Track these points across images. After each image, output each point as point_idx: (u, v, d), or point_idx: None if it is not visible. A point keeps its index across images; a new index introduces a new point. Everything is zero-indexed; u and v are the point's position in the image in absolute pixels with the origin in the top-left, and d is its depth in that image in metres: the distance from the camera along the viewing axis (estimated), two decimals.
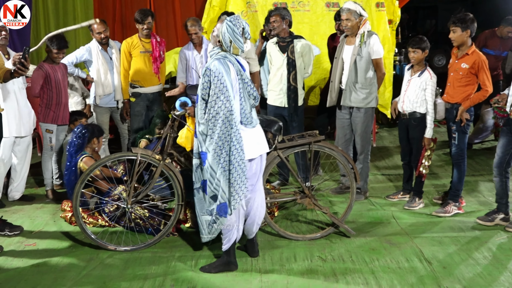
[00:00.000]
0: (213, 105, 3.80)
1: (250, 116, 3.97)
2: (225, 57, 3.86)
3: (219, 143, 3.83)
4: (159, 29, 8.50)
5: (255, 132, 4.04)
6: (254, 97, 3.98)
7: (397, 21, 7.97)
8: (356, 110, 5.57)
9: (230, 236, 4.13)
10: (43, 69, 5.65)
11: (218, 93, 3.77)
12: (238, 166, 3.85)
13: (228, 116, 3.80)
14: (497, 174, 4.92)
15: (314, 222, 5.12)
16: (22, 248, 4.68)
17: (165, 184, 4.63)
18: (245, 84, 3.92)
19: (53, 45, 5.59)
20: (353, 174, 4.79)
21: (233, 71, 3.85)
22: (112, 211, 4.92)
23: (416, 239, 4.73)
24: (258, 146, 4.06)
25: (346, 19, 5.44)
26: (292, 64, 5.82)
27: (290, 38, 5.87)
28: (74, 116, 6.12)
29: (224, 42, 3.88)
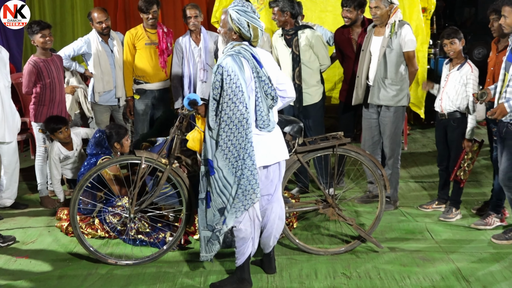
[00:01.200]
0: (225, 108, 3.77)
1: (267, 119, 3.91)
2: (238, 53, 3.82)
3: (233, 151, 3.81)
4: (166, 18, 8.55)
5: (273, 136, 4.01)
6: (272, 97, 3.91)
7: (432, 9, 7.90)
8: (385, 109, 5.55)
9: (245, 249, 4.11)
10: (34, 64, 5.69)
11: (231, 94, 3.74)
12: (249, 173, 3.83)
13: (241, 120, 3.76)
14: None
15: (338, 235, 5.10)
16: (13, 261, 4.71)
17: (172, 191, 4.64)
18: (262, 83, 3.86)
19: (34, 29, 5.63)
20: (382, 181, 4.76)
21: (248, 69, 3.82)
22: (114, 222, 4.94)
23: (452, 254, 4.70)
24: (276, 152, 4.03)
25: (375, 7, 5.42)
26: (296, 60, 5.82)
27: (293, 30, 5.86)
28: (51, 124, 5.80)
29: (243, 28, 3.84)
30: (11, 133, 5.62)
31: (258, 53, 3.95)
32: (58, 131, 5.78)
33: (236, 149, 3.80)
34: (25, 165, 7.36)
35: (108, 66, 6.41)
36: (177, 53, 6.42)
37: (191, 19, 6.27)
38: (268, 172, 4.07)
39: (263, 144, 3.93)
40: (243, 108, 3.75)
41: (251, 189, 3.87)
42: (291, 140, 4.55)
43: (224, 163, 3.85)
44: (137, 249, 4.83)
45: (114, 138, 5.47)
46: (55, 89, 5.82)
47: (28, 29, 5.68)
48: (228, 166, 3.84)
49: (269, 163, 4.01)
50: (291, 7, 5.80)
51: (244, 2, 3.90)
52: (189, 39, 6.38)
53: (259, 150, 3.90)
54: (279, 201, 4.24)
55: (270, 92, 3.88)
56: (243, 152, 3.80)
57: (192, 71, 6.37)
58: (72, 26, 8.80)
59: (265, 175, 4.07)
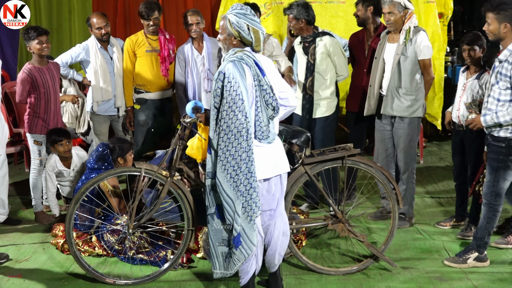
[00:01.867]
0: (224, 116, 3.79)
1: (266, 130, 3.92)
2: (240, 59, 3.84)
3: (232, 162, 3.82)
4: (168, 24, 8.59)
5: (273, 148, 4.01)
6: (273, 108, 3.91)
7: (449, 14, 7.94)
8: (399, 120, 5.55)
9: (248, 267, 4.12)
10: (28, 73, 5.71)
11: (230, 102, 3.76)
12: (249, 186, 3.83)
13: (240, 130, 3.77)
14: None
15: (349, 253, 5.10)
16: (5, 281, 4.72)
17: (173, 205, 4.65)
18: (263, 92, 3.87)
19: (30, 35, 5.67)
20: (395, 196, 4.76)
21: (250, 76, 3.83)
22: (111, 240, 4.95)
23: (471, 274, 4.68)
24: (276, 164, 4.04)
25: (389, 13, 5.44)
26: (310, 69, 5.83)
27: (311, 37, 5.88)
28: (53, 136, 5.86)
29: (242, 31, 3.86)
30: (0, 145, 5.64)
31: (261, 60, 3.96)
32: (58, 143, 5.82)
33: (236, 161, 3.80)
34: (19, 178, 7.40)
35: (107, 74, 6.42)
36: (179, 62, 6.43)
37: (192, 26, 6.28)
38: (269, 185, 4.08)
39: (263, 156, 3.94)
40: (242, 117, 3.76)
41: (253, 203, 3.87)
42: (298, 151, 4.56)
43: (223, 175, 3.85)
44: (137, 267, 4.84)
45: (117, 153, 5.48)
46: (50, 99, 5.84)
47: (24, 35, 5.72)
48: (226, 178, 3.85)
49: (269, 175, 4.01)
50: (306, 14, 5.81)
51: (243, 5, 3.93)
52: (191, 47, 6.40)
53: (259, 162, 3.91)
54: (282, 216, 4.23)
55: (271, 102, 3.88)
56: (242, 163, 3.80)
57: (195, 80, 6.38)
58: (69, 32, 8.85)
59: (266, 188, 4.07)
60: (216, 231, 4.07)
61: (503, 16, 4.44)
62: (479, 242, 4.81)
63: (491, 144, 4.64)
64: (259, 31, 3.89)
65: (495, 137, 4.60)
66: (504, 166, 4.59)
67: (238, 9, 3.88)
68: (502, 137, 4.55)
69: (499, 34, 4.51)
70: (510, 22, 4.45)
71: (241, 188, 3.83)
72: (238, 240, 3.94)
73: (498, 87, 4.52)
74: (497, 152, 4.59)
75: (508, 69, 4.43)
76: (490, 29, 4.54)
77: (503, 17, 4.44)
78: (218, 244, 4.08)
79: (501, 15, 4.44)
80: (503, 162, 4.58)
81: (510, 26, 4.45)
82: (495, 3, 4.46)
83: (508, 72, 4.43)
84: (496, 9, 4.44)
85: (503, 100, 4.51)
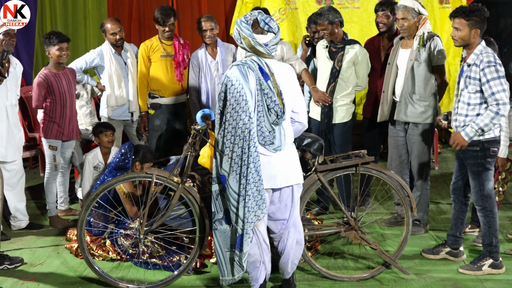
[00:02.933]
0: (228, 118, 3.82)
1: (270, 136, 3.88)
2: (244, 63, 3.87)
3: (239, 162, 3.83)
4: (183, 30, 8.61)
5: (282, 157, 3.98)
6: (276, 113, 3.86)
7: None
8: (413, 127, 5.53)
9: (257, 274, 4.13)
10: (44, 78, 5.76)
11: (234, 104, 3.78)
12: (254, 188, 3.83)
13: (244, 131, 3.78)
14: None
15: (362, 260, 5.08)
16: (20, 284, 4.76)
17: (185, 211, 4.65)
18: (264, 96, 3.85)
19: (52, 41, 5.72)
20: (408, 202, 4.74)
21: (253, 80, 3.84)
22: (125, 244, 4.98)
23: (487, 282, 4.65)
24: (287, 175, 4.01)
25: (402, 18, 5.43)
26: (334, 75, 5.83)
27: (342, 43, 5.87)
28: (100, 127, 6.14)
29: (235, 38, 3.95)
30: (16, 152, 5.67)
31: (273, 66, 3.94)
32: (104, 133, 6.05)
33: (244, 161, 3.80)
34: (34, 183, 7.45)
35: (121, 79, 6.46)
36: (193, 68, 6.45)
37: (206, 32, 6.29)
38: (281, 195, 4.07)
39: (272, 165, 3.93)
40: (246, 117, 3.77)
41: (256, 206, 3.87)
42: (311, 159, 4.55)
43: (231, 177, 3.87)
44: (150, 272, 4.86)
45: (139, 157, 5.53)
46: (66, 104, 5.88)
47: (45, 39, 5.78)
48: (235, 178, 3.86)
49: (278, 186, 3.99)
50: (339, 16, 5.81)
51: (251, 13, 3.94)
52: (205, 52, 6.41)
53: (267, 171, 3.90)
54: (296, 226, 4.21)
55: (273, 107, 3.84)
56: (247, 164, 3.80)
57: (209, 86, 6.39)
58: (84, 37, 8.90)
59: (278, 198, 4.06)
60: (224, 237, 4.07)
61: (474, 22, 4.55)
62: (489, 248, 4.80)
63: (466, 149, 4.70)
64: (249, 39, 3.85)
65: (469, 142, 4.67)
66: (483, 169, 4.68)
67: (241, 18, 3.91)
68: (475, 141, 4.64)
69: (468, 40, 4.61)
70: (480, 28, 4.57)
71: (248, 189, 3.83)
72: (239, 243, 3.95)
73: (468, 91, 4.62)
74: (474, 157, 4.68)
75: (476, 71, 4.53)
76: (460, 35, 4.63)
77: (474, 23, 4.55)
78: (226, 250, 4.09)
79: (472, 21, 4.56)
80: (482, 165, 4.67)
81: (479, 32, 4.57)
82: (467, 9, 4.58)
83: (477, 75, 4.53)
84: (469, 15, 4.55)
85: (473, 104, 4.61)
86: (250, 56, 3.93)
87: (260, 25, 3.89)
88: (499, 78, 4.45)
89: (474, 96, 4.58)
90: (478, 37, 4.60)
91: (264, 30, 3.89)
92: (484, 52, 4.55)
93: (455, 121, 4.78)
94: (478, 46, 4.61)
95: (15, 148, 5.65)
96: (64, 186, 6.26)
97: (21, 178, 5.82)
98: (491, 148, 4.64)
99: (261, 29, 3.89)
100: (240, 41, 3.91)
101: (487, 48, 4.60)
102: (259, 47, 3.87)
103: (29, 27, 8.76)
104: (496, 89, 4.43)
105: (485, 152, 4.63)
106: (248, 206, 3.85)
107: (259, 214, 3.91)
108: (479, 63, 4.52)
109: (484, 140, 4.62)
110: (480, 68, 4.50)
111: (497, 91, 4.43)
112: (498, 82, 4.44)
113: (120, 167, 5.45)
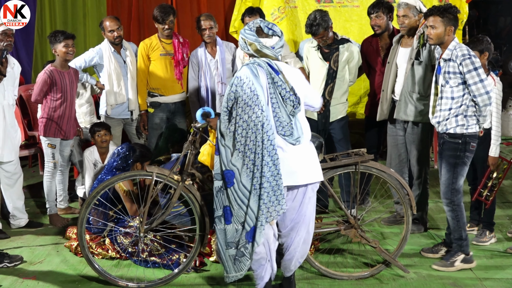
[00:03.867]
0: (240, 113, 3.85)
1: (288, 125, 3.91)
2: (254, 62, 3.95)
3: (251, 156, 3.84)
4: (182, 28, 8.60)
5: (302, 153, 3.99)
6: (292, 103, 3.91)
7: (465, 18, 7.89)
8: (412, 125, 5.53)
9: (263, 273, 4.12)
10: (49, 74, 5.77)
11: (246, 99, 3.82)
12: (268, 183, 3.84)
13: (257, 123, 3.81)
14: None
15: (362, 258, 5.08)
16: (20, 283, 4.76)
17: (185, 210, 4.65)
18: (278, 88, 3.90)
19: (58, 38, 5.75)
20: (408, 201, 4.74)
21: (263, 75, 3.89)
22: (125, 243, 4.98)
23: (486, 281, 4.65)
24: (305, 172, 4.00)
25: (403, 16, 5.44)
26: (332, 76, 5.86)
27: (335, 44, 5.88)
28: (94, 127, 6.19)
29: (240, 46, 4.03)
30: (12, 152, 5.66)
31: (280, 66, 4.00)
32: (97, 133, 6.10)
33: (257, 155, 3.82)
34: (33, 181, 7.45)
35: (120, 78, 6.46)
36: (192, 67, 6.46)
37: (205, 31, 6.30)
38: (296, 193, 4.06)
39: (290, 161, 3.93)
40: (258, 110, 3.81)
41: (276, 200, 3.88)
42: None
43: (242, 170, 3.88)
44: (149, 271, 4.86)
45: (138, 157, 5.53)
46: (66, 104, 5.89)
47: (51, 38, 5.81)
48: (246, 173, 3.87)
49: (296, 183, 3.99)
50: (328, 18, 5.81)
51: (255, 21, 4.03)
52: (204, 51, 6.42)
53: (286, 167, 3.91)
54: (307, 225, 4.18)
55: (289, 97, 3.89)
56: (261, 157, 3.82)
57: (209, 84, 6.40)
58: (84, 36, 8.89)
59: (292, 196, 4.05)
60: (223, 234, 4.07)
61: (448, 20, 4.67)
62: (459, 242, 4.86)
63: (447, 141, 4.80)
64: (255, 43, 3.94)
65: (451, 134, 4.76)
66: (461, 162, 4.76)
67: (246, 27, 4.02)
68: (458, 134, 4.73)
69: (443, 37, 4.71)
70: (454, 26, 4.70)
71: (259, 182, 3.84)
72: (251, 235, 3.94)
73: (450, 86, 4.72)
74: (454, 149, 4.75)
75: (455, 66, 4.64)
76: (436, 33, 4.73)
77: (448, 20, 4.67)
78: (226, 248, 4.08)
79: (447, 19, 4.67)
80: (460, 159, 4.75)
81: (453, 29, 4.70)
82: (441, 8, 4.70)
83: (456, 69, 4.65)
84: (444, 13, 4.67)
85: (456, 97, 4.72)
86: (259, 58, 3.99)
87: (264, 31, 3.98)
88: (476, 70, 4.58)
89: (457, 89, 4.69)
90: (452, 34, 4.72)
91: (269, 35, 3.98)
92: (457, 46, 4.67)
93: (437, 117, 4.86)
94: (451, 42, 4.72)
95: (11, 149, 5.64)
96: (63, 184, 6.25)
97: (19, 178, 5.83)
98: (471, 143, 4.74)
99: (266, 34, 3.98)
100: (247, 48, 3.98)
101: (459, 44, 4.73)
102: (266, 50, 3.95)
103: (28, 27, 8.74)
104: (472, 81, 4.58)
105: (466, 146, 4.73)
106: (263, 200, 3.85)
107: (278, 209, 3.91)
108: (455, 58, 4.63)
109: (467, 134, 4.71)
110: (458, 63, 4.61)
111: (474, 83, 4.58)
112: (475, 73, 4.58)
113: (119, 169, 5.41)
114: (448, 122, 4.75)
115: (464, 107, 4.68)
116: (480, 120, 4.71)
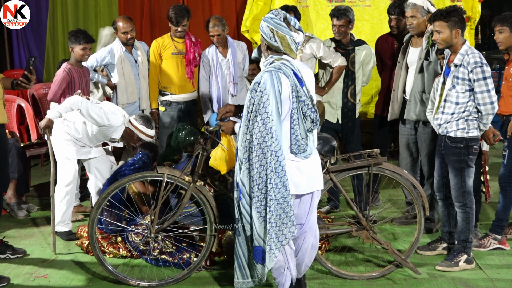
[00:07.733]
0: (247, 125, 3.74)
1: (303, 143, 3.78)
2: (278, 69, 3.70)
3: (255, 175, 3.75)
4: (194, 27, 8.61)
5: (309, 163, 3.89)
6: (311, 120, 3.77)
7: (477, 18, 7.86)
8: (423, 125, 5.50)
9: (283, 280, 4.05)
10: (69, 73, 5.80)
11: (256, 112, 3.69)
12: (279, 205, 3.75)
13: (261, 142, 3.69)
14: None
15: (373, 258, 5.06)
16: (31, 281, 4.78)
17: (196, 209, 4.65)
18: (301, 103, 3.73)
19: (79, 40, 5.75)
20: (421, 202, 4.72)
21: (287, 88, 3.70)
22: (136, 241, 4.98)
23: (498, 282, 4.62)
24: (311, 181, 3.92)
25: (411, 16, 5.42)
26: (351, 77, 5.84)
27: (351, 45, 5.86)
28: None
29: (265, 35, 3.76)
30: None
31: (300, 68, 3.81)
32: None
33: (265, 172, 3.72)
34: (45, 180, 7.46)
35: (132, 77, 6.47)
36: (204, 66, 6.45)
37: (213, 37, 6.30)
38: (301, 201, 3.99)
39: (297, 171, 3.84)
40: (264, 129, 3.67)
41: (289, 221, 3.80)
42: (323, 159, 4.52)
43: (252, 189, 3.79)
44: (160, 270, 4.86)
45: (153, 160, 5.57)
46: None
47: (72, 36, 5.80)
48: (255, 192, 3.78)
49: (302, 192, 3.91)
50: (353, 17, 5.80)
51: (277, 11, 3.80)
52: (215, 51, 6.41)
53: (296, 177, 3.83)
54: (312, 230, 4.13)
55: (310, 114, 3.74)
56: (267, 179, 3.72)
57: (221, 84, 6.40)
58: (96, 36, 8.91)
59: (298, 203, 3.99)
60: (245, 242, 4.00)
61: (454, 23, 4.59)
62: (464, 244, 4.84)
63: (449, 146, 4.77)
64: (287, 36, 3.72)
65: (452, 138, 4.74)
66: (466, 166, 4.74)
67: (269, 16, 3.75)
68: (459, 138, 4.71)
69: (451, 41, 4.65)
70: (461, 28, 4.62)
71: (270, 203, 3.75)
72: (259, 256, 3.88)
73: (456, 91, 4.67)
74: (458, 154, 4.73)
75: (465, 73, 4.58)
76: (442, 37, 4.67)
77: (454, 23, 4.59)
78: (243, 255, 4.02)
79: (452, 22, 4.59)
80: (465, 162, 4.73)
81: (460, 32, 4.61)
82: (444, 11, 4.63)
83: (465, 75, 4.58)
84: (447, 16, 4.59)
85: (461, 103, 4.67)
86: (280, 59, 3.78)
87: (291, 23, 3.76)
88: (485, 79, 4.53)
89: (463, 95, 4.65)
90: (459, 37, 4.64)
91: (296, 29, 3.78)
92: (470, 52, 4.61)
93: (438, 119, 4.82)
94: (463, 46, 4.65)
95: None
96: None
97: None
98: (474, 146, 4.72)
99: (293, 28, 3.77)
100: (274, 39, 3.73)
101: (472, 48, 4.66)
102: (294, 46, 3.74)
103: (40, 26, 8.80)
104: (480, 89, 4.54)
105: (468, 149, 4.70)
106: (271, 223, 3.76)
107: (293, 230, 3.83)
108: (467, 64, 4.57)
109: (468, 137, 4.69)
110: (469, 70, 4.55)
111: (481, 92, 4.54)
112: (483, 82, 4.53)
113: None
114: (449, 126, 4.73)
115: (466, 113, 4.66)
116: (481, 127, 4.70)
